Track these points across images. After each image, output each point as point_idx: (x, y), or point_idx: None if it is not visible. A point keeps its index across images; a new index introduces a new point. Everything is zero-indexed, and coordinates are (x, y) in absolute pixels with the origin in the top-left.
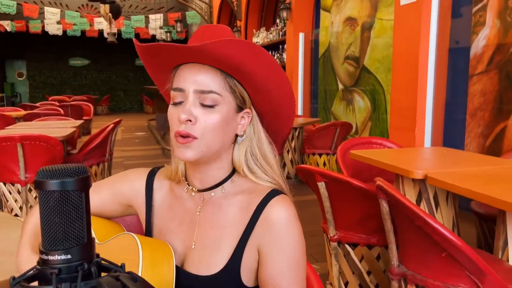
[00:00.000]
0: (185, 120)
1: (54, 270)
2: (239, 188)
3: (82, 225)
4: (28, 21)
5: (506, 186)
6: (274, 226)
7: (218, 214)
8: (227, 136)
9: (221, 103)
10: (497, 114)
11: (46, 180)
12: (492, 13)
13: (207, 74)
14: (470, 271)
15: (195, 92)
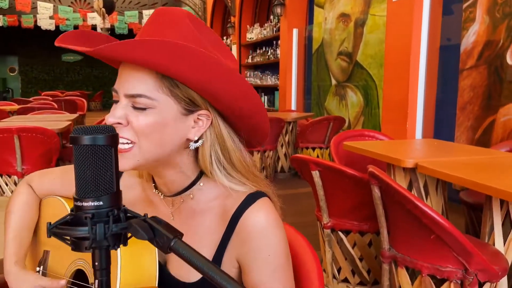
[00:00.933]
0: (114, 123)
1: (88, 215)
2: (212, 194)
3: (112, 176)
4: (21, 16)
5: (493, 173)
6: (252, 238)
7: (192, 222)
8: (169, 142)
9: (155, 107)
10: (486, 108)
11: (80, 135)
12: (481, 10)
13: (138, 75)
14: (457, 253)
15: (125, 96)
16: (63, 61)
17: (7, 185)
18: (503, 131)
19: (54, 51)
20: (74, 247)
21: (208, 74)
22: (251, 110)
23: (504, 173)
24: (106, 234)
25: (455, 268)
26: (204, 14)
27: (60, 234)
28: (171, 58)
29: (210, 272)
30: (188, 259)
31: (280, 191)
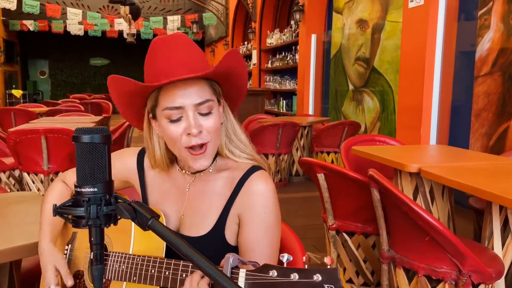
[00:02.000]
0: (197, 133)
1: (85, 198)
2: (224, 166)
3: (105, 168)
4: (51, 21)
5: (494, 179)
6: (252, 196)
7: (205, 187)
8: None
9: (214, 107)
10: (500, 115)
11: (81, 135)
12: (496, 17)
13: (197, 86)
14: (451, 254)
15: (194, 106)
16: (91, 65)
17: (33, 182)
18: None
19: (83, 55)
20: (74, 224)
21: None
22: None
23: (506, 179)
24: (98, 214)
25: (450, 269)
26: (226, 20)
27: (63, 213)
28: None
29: (179, 246)
30: (162, 235)
31: (294, 194)
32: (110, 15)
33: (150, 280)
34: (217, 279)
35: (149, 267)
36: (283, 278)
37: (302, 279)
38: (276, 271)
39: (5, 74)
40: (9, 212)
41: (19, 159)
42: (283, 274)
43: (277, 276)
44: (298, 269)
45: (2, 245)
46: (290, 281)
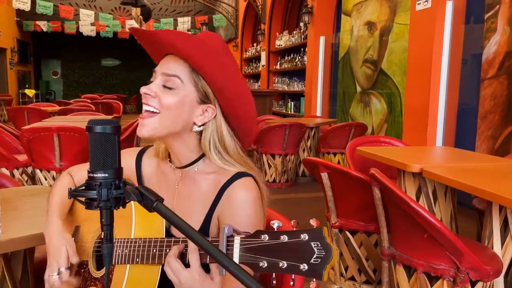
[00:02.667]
0: (144, 92)
1: (97, 183)
2: (211, 168)
3: (115, 156)
4: (64, 22)
5: (495, 180)
6: (231, 204)
7: (192, 187)
8: (182, 119)
9: (179, 88)
10: (506, 118)
11: (94, 125)
12: (503, 20)
13: (176, 63)
14: (449, 251)
15: (162, 74)
16: (102, 65)
17: (46, 179)
18: None
19: (94, 56)
20: (87, 206)
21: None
22: (247, 115)
23: (507, 180)
24: (108, 196)
25: (448, 266)
26: (236, 22)
27: (77, 196)
28: (205, 57)
29: (180, 225)
30: (167, 217)
31: (301, 194)
32: (121, 16)
33: (152, 259)
34: (212, 253)
35: (150, 247)
36: (274, 240)
37: (291, 239)
38: (268, 235)
39: (19, 74)
40: (23, 204)
41: (32, 156)
42: (274, 236)
43: (268, 239)
44: (287, 231)
45: (16, 233)
46: (280, 242)
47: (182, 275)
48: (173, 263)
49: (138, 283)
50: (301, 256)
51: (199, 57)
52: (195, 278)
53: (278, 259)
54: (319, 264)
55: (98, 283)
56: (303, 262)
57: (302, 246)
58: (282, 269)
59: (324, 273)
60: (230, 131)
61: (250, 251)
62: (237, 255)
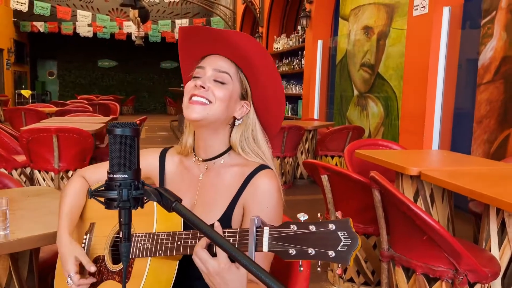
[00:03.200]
0: (200, 86)
1: (117, 183)
2: (235, 161)
3: (134, 157)
4: (61, 23)
5: (491, 183)
6: (257, 191)
7: (217, 178)
8: (228, 112)
9: (230, 84)
10: (502, 122)
11: (114, 128)
12: (499, 26)
13: (225, 61)
14: (447, 253)
15: (213, 70)
16: (99, 66)
17: (44, 180)
18: None
19: (91, 57)
20: (107, 206)
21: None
22: (276, 113)
23: (502, 183)
24: (128, 197)
25: (447, 268)
26: (233, 24)
27: (97, 195)
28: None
29: (199, 225)
30: (186, 217)
31: (299, 196)
32: (119, 17)
33: (176, 250)
34: (229, 250)
35: (175, 240)
36: (302, 230)
37: (319, 228)
38: (296, 225)
39: (15, 75)
40: (28, 204)
41: (31, 157)
42: (302, 226)
43: (297, 229)
44: (315, 222)
45: (22, 234)
46: (309, 231)
47: (209, 264)
48: (201, 253)
49: (157, 275)
50: (329, 244)
51: (255, 56)
52: (222, 267)
53: (307, 247)
54: (346, 251)
55: (116, 276)
56: (331, 249)
57: (329, 235)
58: (310, 256)
59: (350, 259)
60: (260, 125)
61: (279, 240)
62: (266, 243)
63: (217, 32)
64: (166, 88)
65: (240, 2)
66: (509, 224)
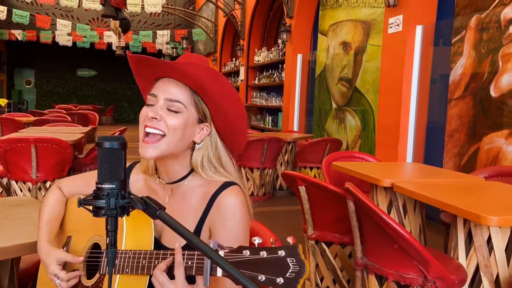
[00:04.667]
0: (151, 117)
1: (105, 193)
2: (199, 182)
3: (121, 169)
4: (40, 31)
5: (459, 194)
6: (221, 210)
7: (182, 202)
8: (184, 139)
9: (183, 112)
10: (471, 136)
11: (103, 141)
12: (469, 45)
13: (178, 87)
14: (417, 261)
15: (165, 99)
16: (78, 76)
17: (21, 191)
18: (486, 158)
19: (70, 66)
20: (95, 214)
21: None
22: (240, 130)
23: (470, 195)
24: (116, 205)
25: (416, 275)
26: (215, 36)
27: (86, 204)
28: (211, 81)
29: (182, 231)
30: (169, 224)
31: (278, 207)
32: (99, 27)
33: (141, 270)
34: (212, 256)
35: (140, 259)
36: (254, 256)
37: (270, 255)
38: (249, 250)
39: None
40: (10, 214)
41: (8, 167)
42: (254, 252)
43: (249, 254)
44: (266, 247)
45: (4, 242)
46: (260, 257)
47: (167, 287)
48: (159, 277)
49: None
50: (278, 270)
51: (207, 82)
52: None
53: (257, 273)
54: (294, 278)
55: None
56: (279, 276)
57: (279, 261)
58: (260, 282)
59: (297, 286)
60: (223, 144)
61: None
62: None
63: (165, 63)
64: None
65: (222, 14)
66: (475, 233)
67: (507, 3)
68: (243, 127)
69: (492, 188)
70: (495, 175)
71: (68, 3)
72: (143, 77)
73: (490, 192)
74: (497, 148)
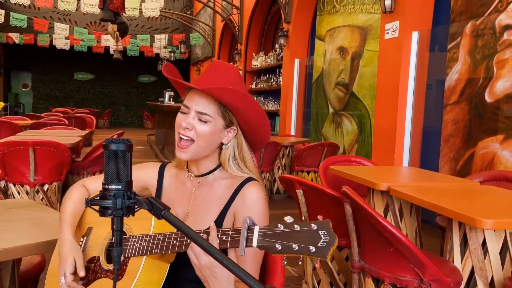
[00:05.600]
0: (185, 127)
1: (111, 193)
2: (225, 175)
3: (127, 171)
4: (37, 35)
5: (455, 198)
6: (246, 200)
7: (209, 191)
8: (213, 143)
9: (212, 122)
10: (466, 141)
11: (110, 144)
12: (464, 51)
13: (207, 101)
14: (413, 264)
15: (195, 111)
16: (75, 79)
17: (19, 194)
18: (481, 163)
19: (67, 69)
20: (101, 214)
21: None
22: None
23: (465, 199)
24: (122, 205)
25: (412, 277)
26: (212, 41)
27: (93, 204)
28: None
29: (186, 230)
30: (174, 224)
31: (275, 211)
32: (97, 31)
33: (172, 248)
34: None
35: (171, 239)
36: (288, 228)
37: (303, 228)
38: (283, 224)
39: None
40: (11, 216)
41: (6, 170)
42: (288, 226)
43: (283, 228)
44: (299, 222)
45: (6, 244)
46: (294, 230)
47: (202, 258)
48: (196, 248)
49: (149, 275)
50: (310, 240)
51: (238, 104)
52: (213, 261)
53: (291, 243)
54: (325, 247)
55: (110, 274)
56: (312, 245)
57: (311, 233)
58: (294, 250)
59: (328, 254)
60: (247, 144)
61: (267, 237)
62: (255, 239)
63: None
64: (143, 101)
65: (220, 19)
66: (471, 237)
67: (501, 10)
68: (265, 132)
69: (487, 193)
70: (490, 180)
71: (66, 7)
72: (178, 86)
73: (485, 196)
74: (492, 153)
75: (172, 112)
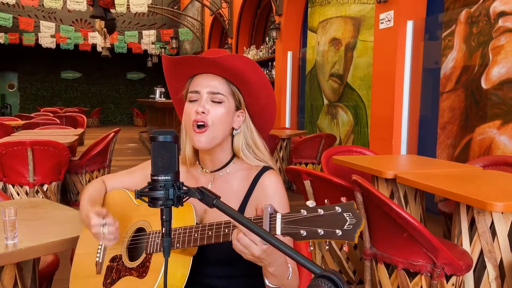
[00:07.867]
0: (201, 112)
1: (161, 184)
2: (240, 167)
3: (175, 161)
4: (22, 34)
5: (461, 183)
6: (267, 189)
7: (225, 186)
8: (228, 126)
9: (225, 101)
10: (463, 128)
11: (157, 135)
12: (459, 38)
13: (217, 80)
14: (426, 248)
15: (208, 93)
16: (62, 78)
17: (18, 194)
18: (479, 149)
19: (54, 68)
20: (152, 205)
21: (259, 81)
22: (270, 114)
23: (471, 183)
24: (174, 195)
25: (425, 262)
26: (202, 35)
27: (143, 195)
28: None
29: (239, 218)
30: (226, 212)
31: None
32: (83, 28)
33: (194, 242)
34: (265, 236)
35: (192, 233)
36: (312, 213)
37: (327, 211)
38: (306, 210)
39: None
40: (28, 215)
41: (4, 171)
42: (311, 210)
43: (307, 213)
44: (322, 206)
45: (30, 242)
46: (317, 214)
47: (253, 248)
48: (244, 240)
49: (173, 271)
50: (336, 224)
51: (247, 72)
52: (264, 248)
53: (316, 228)
54: (352, 230)
55: (133, 272)
56: (338, 229)
57: (336, 216)
58: (320, 235)
59: (355, 236)
60: (255, 128)
61: (291, 223)
62: (279, 227)
63: (208, 60)
64: (133, 99)
65: (209, 13)
66: (478, 220)
67: None
68: (273, 111)
69: (491, 177)
70: (491, 165)
71: (52, 5)
72: (179, 78)
73: (489, 180)
74: (489, 138)
75: (166, 108)
